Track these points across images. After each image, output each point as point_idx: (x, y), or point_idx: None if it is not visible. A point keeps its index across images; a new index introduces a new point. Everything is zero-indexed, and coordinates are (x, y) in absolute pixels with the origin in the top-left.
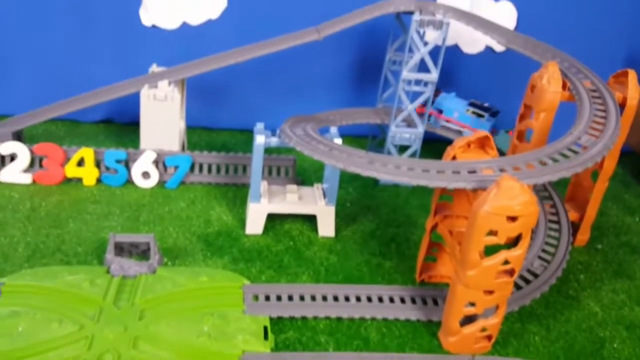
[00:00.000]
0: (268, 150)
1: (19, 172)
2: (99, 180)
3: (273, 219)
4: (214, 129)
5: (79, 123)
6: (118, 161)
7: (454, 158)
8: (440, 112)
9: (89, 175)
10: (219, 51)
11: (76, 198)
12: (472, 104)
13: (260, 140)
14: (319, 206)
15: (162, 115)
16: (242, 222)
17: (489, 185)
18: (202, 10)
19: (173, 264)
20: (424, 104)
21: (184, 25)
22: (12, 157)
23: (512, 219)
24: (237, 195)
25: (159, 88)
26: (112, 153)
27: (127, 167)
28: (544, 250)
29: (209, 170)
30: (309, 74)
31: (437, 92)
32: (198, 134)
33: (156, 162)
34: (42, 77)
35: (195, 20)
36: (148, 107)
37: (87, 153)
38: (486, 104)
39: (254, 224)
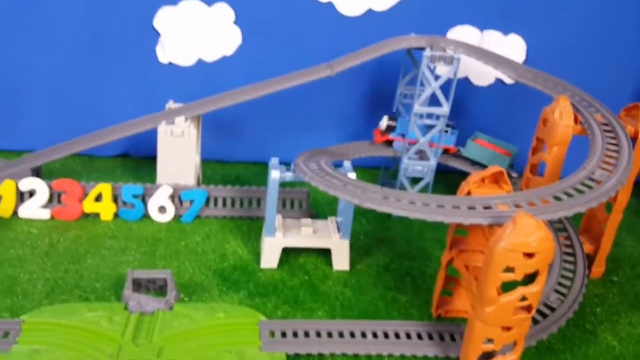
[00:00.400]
0: (282, 184)
1: (37, 208)
2: (116, 215)
3: (288, 253)
4: (228, 162)
5: (96, 158)
6: (135, 196)
7: (469, 193)
8: (403, 136)
9: (106, 210)
10: (234, 86)
11: (94, 233)
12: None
13: (275, 175)
14: (333, 240)
15: (179, 151)
16: (258, 256)
17: (505, 221)
18: (217, 47)
19: (190, 299)
20: (404, 136)
21: (200, 62)
22: (31, 193)
23: (529, 255)
24: (252, 228)
25: (176, 124)
26: (129, 188)
27: (144, 201)
28: (560, 284)
29: (224, 204)
30: (322, 108)
31: (394, 119)
32: (213, 167)
33: (172, 197)
34: (61, 114)
35: (211, 57)
36: (165, 143)
37: (105, 189)
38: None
39: (269, 258)
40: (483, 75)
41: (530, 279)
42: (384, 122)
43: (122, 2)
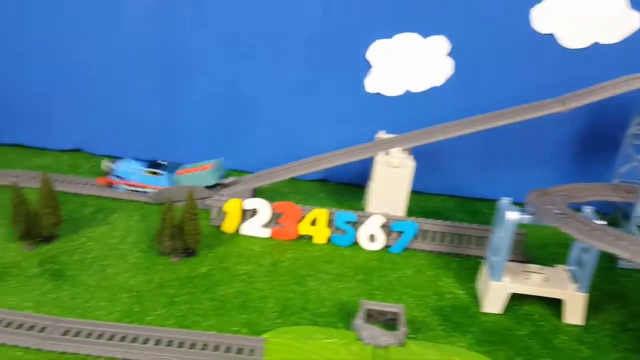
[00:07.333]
0: (490, 221)
1: (259, 227)
2: (327, 239)
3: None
4: (424, 193)
5: (299, 181)
6: (348, 222)
7: None
8: (121, 178)
9: (320, 234)
10: (441, 117)
11: (309, 256)
12: (149, 165)
13: (512, 216)
14: (568, 291)
15: (394, 181)
16: (475, 298)
17: None
18: (426, 77)
19: (415, 336)
20: (121, 178)
21: (407, 92)
22: (252, 212)
23: None
24: (462, 267)
25: (393, 155)
26: (343, 215)
27: (355, 228)
28: None
29: (433, 238)
30: (527, 142)
31: (114, 161)
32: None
33: (382, 226)
34: (277, 140)
35: (419, 87)
36: (382, 173)
37: (320, 213)
38: (161, 161)
39: (494, 302)
40: None
41: None
42: (104, 165)
43: (338, 36)
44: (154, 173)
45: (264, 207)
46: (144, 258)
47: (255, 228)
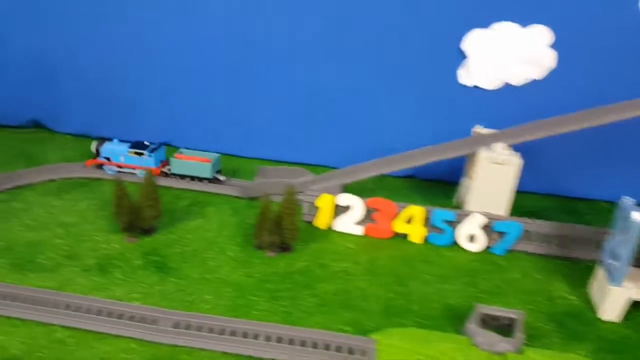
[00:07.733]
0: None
1: (352, 224)
2: (423, 239)
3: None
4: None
5: (385, 177)
6: (446, 221)
7: None
8: (109, 159)
9: (416, 232)
10: (541, 112)
11: (406, 255)
12: (132, 146)
13: (639, 217)
14: None
15: (497, 179)
16: (589, 304)
17: None
18: (526, 70)
19: (531, 343)
20: (109, 159)
21: (506, 85)
22: (344, 208)
23: None
24: (572, 270)
25: (497, 152)
26: (441, 213)
27: (453, 228)
28: None
29: (539, 240)
30: (632, 141)
31: (102, 142)
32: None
33: (483, 226)
34: (367, 135)
35: (518, 80)
36: (484, 170)
37: (417, 211)
38: (147, 142)
39: (612, 309)
40: None
41: None
42: (93, 146)
43: (432, 26)
44: (138, 154)
45: (357, 204)
46: (241, 252)
47: (348, 224)
